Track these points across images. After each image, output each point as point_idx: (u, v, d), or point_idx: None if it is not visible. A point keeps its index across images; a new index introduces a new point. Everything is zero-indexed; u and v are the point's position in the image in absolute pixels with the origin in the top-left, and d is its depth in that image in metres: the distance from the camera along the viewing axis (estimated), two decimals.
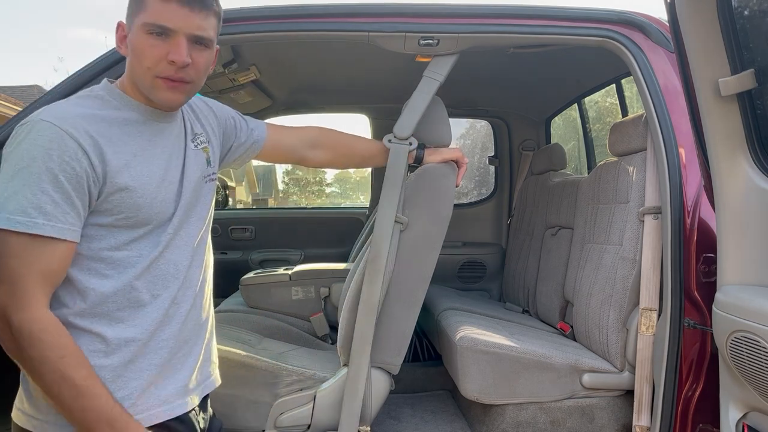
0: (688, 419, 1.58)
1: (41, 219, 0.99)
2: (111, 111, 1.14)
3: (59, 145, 1.02)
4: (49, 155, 1.01)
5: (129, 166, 1.11)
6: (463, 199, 4.23)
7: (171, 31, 1.10)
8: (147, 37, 1.11)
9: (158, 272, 1.16)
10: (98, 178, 1.06)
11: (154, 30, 1.10)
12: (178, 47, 1.11)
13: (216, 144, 1.40)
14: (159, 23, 1.10)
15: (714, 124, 1.27)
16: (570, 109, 3.36)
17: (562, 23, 1.77)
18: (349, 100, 3.41)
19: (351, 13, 1.74)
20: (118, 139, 1.11)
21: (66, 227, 1.02)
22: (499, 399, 1.90)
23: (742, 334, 1.21)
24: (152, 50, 1.11)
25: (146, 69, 1.12)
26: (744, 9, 1.18)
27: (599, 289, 2.05)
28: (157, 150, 1.18)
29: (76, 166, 1.02)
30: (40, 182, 1.00)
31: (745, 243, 1.28)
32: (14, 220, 0.98)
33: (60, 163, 1.01)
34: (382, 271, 1.66)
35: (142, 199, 1.12)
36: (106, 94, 1.16)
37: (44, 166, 1.00)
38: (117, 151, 1.10)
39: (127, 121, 1.15)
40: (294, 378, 1.73)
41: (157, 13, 1.10)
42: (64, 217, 1.02)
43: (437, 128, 1.82)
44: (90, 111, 1.11)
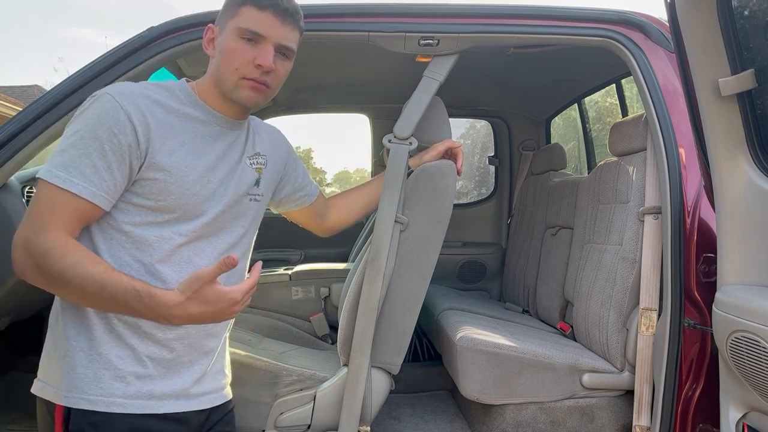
0: (688, 419, 1.58)
1: (78, 179, 1.08)
2: (175, 103, 1.22)
3: (112, 116, 1.10)
4: (101, 124, 1.10)
5: (172, 152, 1.17)
6: (463, 199, 4.22)
7: (262, 38, 1.21)
8: (239, 41, 1.21)
9: (178, 262, 1.19)
10: (141, 154, 1.13)
11: (246, 35, 1.20)
12: (266, 53, 1.21)
13: (273, 172, 1.46)
14: (253, 29, 1.20)
15: (714, 124, 1.27)
16: (570, 109, 3.36)
17: (562, 23, 1.77)
18: (349, 100, 3.41)
19: (351, 13, 1.74)
20: (171, 127, 1.19)
21: (99, 192, 1.10)
22: (499, 399, 1.90)
23: (742, 334, 1.21)
24: (242, 53, 1.21)
25: (234, 69, 1.21)
26: (744, 9, 1.18)
27: (599, 289, 2.05)
28: (207, 149, 1.24)
29: (122, 139, 1.10)
30: (87, 147, 1.09)
31: (745, 243, 1.28)
32: (53, 174, 1.07)
33: (108, 134, 1.10)
34: (382, 271, 1.65)
35: (174, 186, 1.17)
36: (176, 88, 1.25)
37: (94, 134, 1.09)
38: (165, 135, 1.17)
39: (187, 116, 1.23)
40: (294, 378, 1.73)
41: (253, 20, 1.20)
42: (100, 183, 1.09)
43: (437, 128, 1.82)
44: (153, 95, 1.19)
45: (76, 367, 1.13)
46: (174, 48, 1.64)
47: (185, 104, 1.24)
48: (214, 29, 1.27)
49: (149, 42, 1.63)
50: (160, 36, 1.64)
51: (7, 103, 11.20)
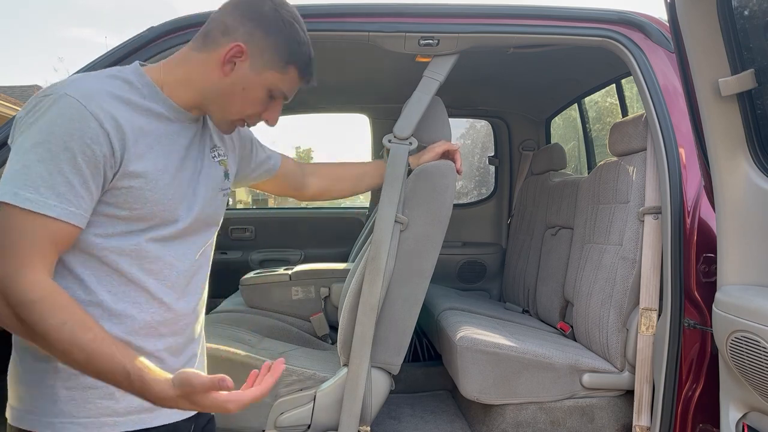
0: (688, 419, 1.58)
1: (53, 200, 0.93)
2: (137, 98, 1.07)
3: (82, 125, 0.95)
4: (71, 134, 0.94)
5: (144, 156, 1.04)
6: (463, 199, 4.22)
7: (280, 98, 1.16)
8: (265, 95, 1.13)
9: (159, 270, 1.10)
10: (115, 163, 1.00)
11: (274, 95, 1.14)
12: (277, 111, 1.18)
13: (233, 160, 1.37)
14: (286, 94, 1.16)
15: (714, 124, 1.27)
16: (570, 109, 3.36)
17: (562, 23, 1.77)
18: (349, 100, 3.41)
19: (351, 13, 1.74)
20: (140, 128, 1.05)
21: (78, 212, 0.96)
22: (499, 399, 1.90)
23: (742, 334, 1.21)
24: (260, 107, 1.15)
25: (240, 111, 1.14)
26: (744, 9, 1.18)
27: (599, 289, 2.05)
28: (175, 147, 1.13)
29: (96, 149, 0.96)
30: (58, 161, 0.93)
31: (745, 243, 1.28)
32: (23, 197, 0.91)
33: (81, 145, 0.94)
34: (382, 271, 1.65)
35: (151, 192, 1.05)
36: (136, 80, 1.09)
37: (64, 145, 0.93)
38: (136, 139, 1.03)
39: (151, 112, 1.09)
40: (294, 378, 1.73)
41: (290, 87, 1.15)
42: (78, 201, 0.95)
43: (437, 128, 1.82)
44: (117, 92, 1.04)
45: (56, 389, 1.03)
46: (174, 48, 1.64)
47: (146, 98, 1.09)
48: (245, 51, 1.08)
49: (149, 42, 1.63)
50: (160, 36, 1.64)
51: (7, 103, 11.20)
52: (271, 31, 1.09)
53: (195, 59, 1.11)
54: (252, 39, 1.09)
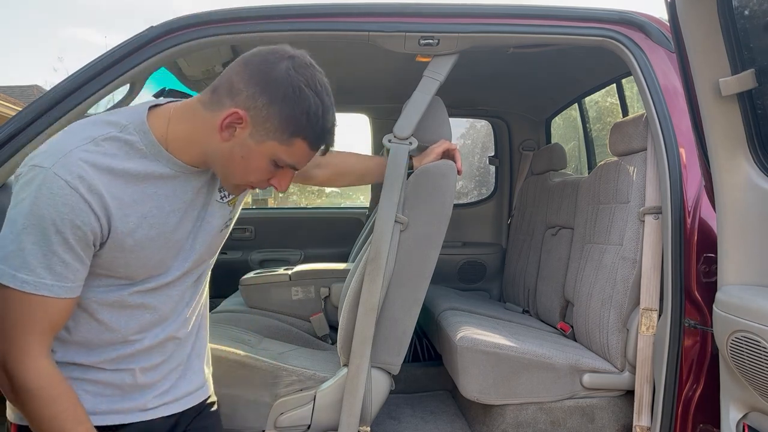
0: (689, 419, 1.58)
1: (50, 279, 0.96)
2: (136, 162, 1.04)
3: (71, 208, 0.95)
4: (60, 217, 0.95)
5: (135, 229, 1.05)
6: (463, 199, 4.22)
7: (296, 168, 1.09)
8: (268, 164, 1.06)
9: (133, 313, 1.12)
10: (103, 237, 1.02)
11: (280, 163, 1.06)
12: (287, 179, 1.11)
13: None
14: (293, 164, 1.07)
15: (714, 124, 1.27)
16: (570, 108, 3.35)
17: (563, 23, 1.77)
18: (349, 100, 3.41)
19: (351, 12, 1.74)
20: (132, 200, 1.04)
21: (74, 286, 1.00)
22: (500, 399, 1.90)
23: (742, 334, 1.20)
24: (264, 174, 1.08)
25: (241, 178, 1.08)
26: (744, 9, 1.18)
27: (599, 289, 2.05)
28: (176, 205, 1.11)
29: (86, 229, 0.98)
30: (50, 243, 0.95)
31: (745, 243, 1.28)
32: (21, 279, 0.95)
33: (71, 227, 0.96)
34: (382, 271, 1.65)
35: (136, 259, 1.07)
36: (138, 140, 1.05)
37: (54, 228, 0.95)
38: (126, 215, 1.03)
39: (150, 175, 1.06)
40: (294, 378, 1.73)
41: (298, 158, 1.06)
42: (73, 275, 0.99)
43: (437, 128, 1.82)
44: (109, 163, 1.01)
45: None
46: (174, 48, 1.64)
47: (148, 158, 1.05)
48: (244, 119, 1.01)
49: (149, 42, 1.63)
50: (160, 36, 1.64)
51: (6, 103, 11.19)
52: (275, 98, 1.00)
53: (200, 117, 1.05)
54: (254, 105, 1.00)
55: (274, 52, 1.04)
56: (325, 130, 1.04)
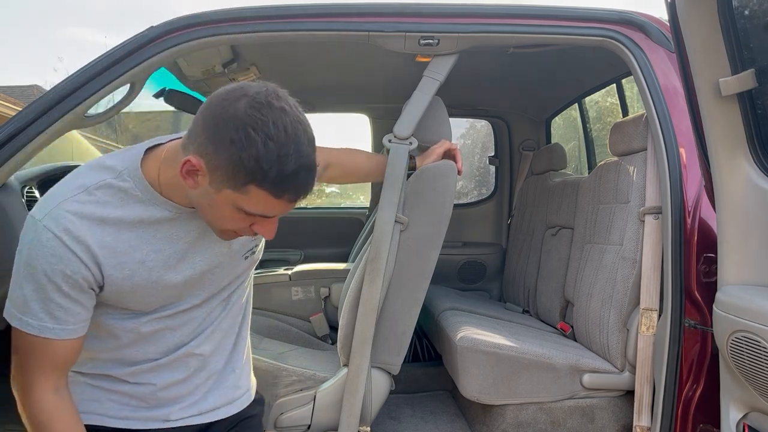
0: (689, 419, 1.58)
1: (51, 323, 1.02)
2: (131, 208, 1.05)
3: (60, 258, 0.99)
4: (51, 267, 0.99)
5: (132, 276, 1.06)
6: (463, 199, 4.22)
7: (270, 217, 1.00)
8: (235, 212, 0.97)
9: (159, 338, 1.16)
10: (98, 282, 1.05)
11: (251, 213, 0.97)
12: (271, 227, 1.02)
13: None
14: (260, 213, 0.97)
15: (714, 124, 1.27)
16: (570, 108, 3.35)
17: (563, 23, 1.77)
18: (349, 100, 3.41)
19: (351, 12, 1.74)
20: (128, 247, 1.05)
21: (76, 327, 1.05)
22: (500, 399, 1.90)
23: (742, 334, 1.20)
24: (238, 222, 1.00)
25: (218, 225, 1.03)
26: (744, 9, 1.18)
27: (600, 290, 2.05)
28: (177, 247, 1.10)
29: (78, 278, 1.01)
30: (47, 291, 1.01)
31: (745, 243, 1.28)
32: (26, 322, 1.02)
33: (63, 276, 1.00)
34: (382, 271, 1.65)
35: (141, 299, 1.09)
36: (133, 187, 1.04)
37: (47, 278, 1.00)
38: (121, 262, 1.05)
39: (146, 220, 1.06)
40: (294, 378, 1.73)
41: (262, 207, 0.95)
42: (73, 318, 1.04)
43: (437, 128, 1.82)
44: (100, 212, 1.02)
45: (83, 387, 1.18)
46: (174, 47, 1.64)
47: (144, 203, 1.05)
48: (198, 166, 0.93)
49: (149, 41, 1.63)
50: (160, 35, 1.63)
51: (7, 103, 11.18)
52: (222, 144, 0.90)
53: (179, 161, 0.98)
54: (206, 152, 0.92)
55: (232, 91, 0.94)
56: (283, 176, 0.91)
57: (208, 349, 1.22)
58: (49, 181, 2.15)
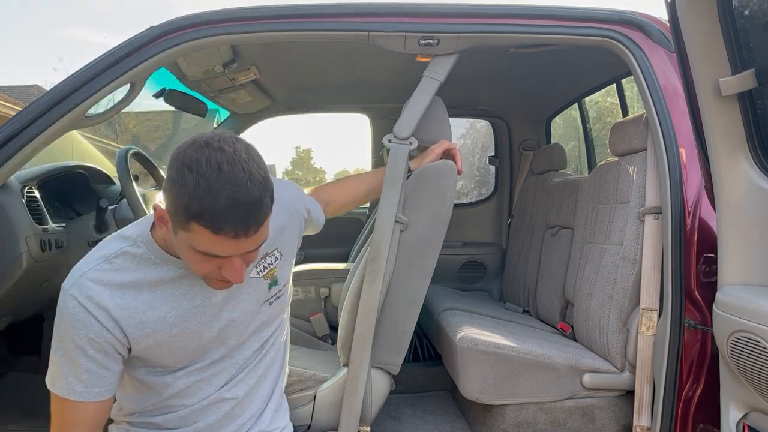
0: (689, 419, 1.58)
1: (79, 387, 1.11)
2: (146, 271, 1.14)
3: (84, 324, 1.09)
4: (77, 333, 1.09)
5: (154, 333, 1.15)
6: (463, 199, 4.23)
7: (224, 257, 1.01)
8: (195, 254, 1.00)
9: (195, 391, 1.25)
10: (124, 346, 1.14)
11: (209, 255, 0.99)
12: (233, 267, 1.02)
13: (291, 249, 1.38)
14: (210, 252, 0.98)
15: (714, 124, 1.27)
16: (570, 108, 3.35)
17: (563, 23, 1.77)
18: (349, 100, 3.41)
19: (351, 13, 1.74)
20: (147, 307, 1.14)
21: (103, 390, 1.13)
22: (500, 399, 1.90)
23: (742, 334, 1.20)
24: (204, 265, 1.02)
25: (196, 272, 1.06)
26: (744, 9, 1.18)
27: (600, 289, 2.05)
28: (195, 302, 1.18)
29: (102, 342, 1.10)
30: (74, 356, 1.10)
31: (745, 243, 1.28)
32: (58, 386, 1.12)
33: (87, 340, 1.09)
34: (382, 272, 1.65)
35: (169, 352, 1.18)
36: (146, 251, 1.14)
37: (73, 344, 1.09)
38: (142, 321, 1.13)
39: (162, 280, 1.15)
40: (294, 378, 1.73)
41: (208, 244, 0.97)
42: (100, 381, 1.12)
43: (437, 128, 1.82)
44: (120, 278, 1.12)
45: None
46: (174, 48, 1.64)
47: (158, 265, 1.13)
48: (164, 214, 1.01)
49: (149, 42, 1.63)
50: (160, 36, 1.63)
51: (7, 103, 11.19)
52: (167, 187, 0.97)
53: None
54: (164, 197, 0.99)
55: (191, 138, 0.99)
56: (215, 211, 0.92)
57: (241, 393, 1.29)
58: (49, 181, 2.15)
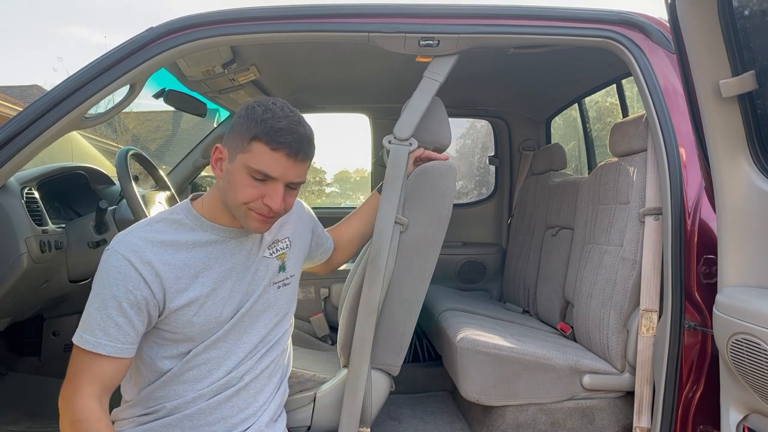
0: (689, 421, 1.58)
1: (104, 339, 1.18)
2: (184, 234, 1.27)
3: (124, 276, 1.18)
4: (117, 284, 1.18)
5: (190, 287, 1.25)
6: (463, 199, 4.23)
7: (272, 179, 1.20)
8: (247, 178, 1.19)
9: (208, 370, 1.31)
10: (158, 303, 1.22)
11: (256, 175, 1.19)
12: (276, 194, 1.21)
13: (301, 246, 1.52)
14: (264, 171, 1.18)
15: (714, 126, 1.26)
16: (570, 108, 3.35)
17: (563, 24, 1.77)
18: (349, 100, 3.41)
19: (351, 13, 1.74)
20: (182, 263, 1.24)
21: (125, 347, 1.20)
22: (499, 400, 1.90)
23: (742, 336, 1.20)
24: (251, 191, 1.20)
25: (242, 204, 1.21)
26: (744, 9, 1.18)
27: (599, 290, 2.05)
28: (224, 266, 1.30)
29: (137, 293, 1.19)
30: (107, 308, 1.18)
31: (745, 244, 1.28)
32: (84, 339, 1.18)
33: (125, 292, 1.18)
34: (382, 272, 1.65)
35: (197, 316, 1.26)
36: (184, 217, 1.29)
37: (110, 294, 1.18)
38: (178, 276, 1.23)
39: (197, 243, 1.28)
40: (294, 380, 1.73)
41: (264, 162, 1.18)
42: (124, 337, 1.19)
43: (437, 129, 1.82)
44: (161, 236, 1.25)
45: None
46: (174, 49, 1.64)
47: (195, 230, 1.29)
48: (223, 151, 1.25)
49: (149, 43, 1.62)
50: (161, 36, 1.63)
51: (7, 103, 11.18)
52: (236, 123, 1.22)
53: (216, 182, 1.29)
54: (227, 138, 1.24)
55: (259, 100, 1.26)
56: (276, 128, 1.17)
57: (248, 378, 1.36)
58: (48, 182, 2.15)
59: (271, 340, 1.42)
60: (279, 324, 1.44)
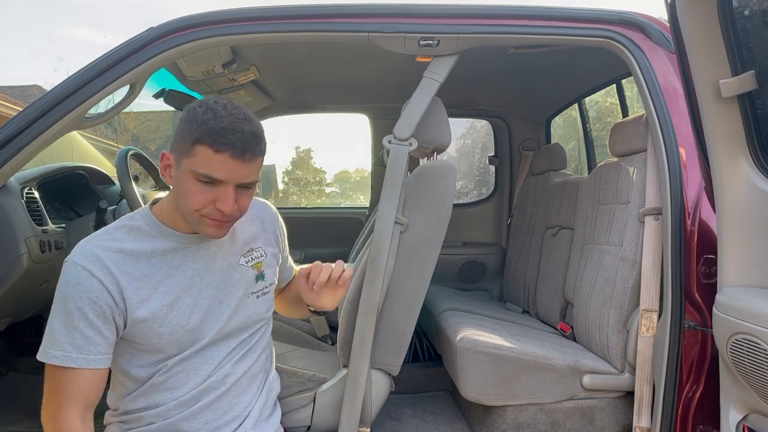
0: (689, 421, 1.58)
1: (74, 353, 1.14)
2: (143, 242, 1.23)
3: (85, 286, 1.15)
4: (80, 296, 1.14)
5: (148, 299, 1.20)
6: (463, 199, 4.23)
7: (220, 182, 1.14)
8: (195, 183, 1.14)
9: (184, 380, 1.28)
10: (121, 311, 1.18)
11: (203, 179, 1.13)
12: (227, 197, 1.15)
13: (272, 257, 1.44)
14: (210, 175, 1.12)
15: (714, 126, 1.26)
16: (570, 108, 3.35)
17: (563, 24, 1.77)
18: (349, 100, 3.41)
19: (351, 13, 1.74)
20: (142, 273, 1.20)
21: (97, 357, 1.16)
22: (499, 400, 1.90)
23: (742, 336, 1.20)
24: (200, 196, 1.15)
25: (192, 210, 1.16)
26: (744, 9, 1.18)
27: (599, 290, 2.05)
28: (186, 274, 1.25)
29: (101, 303, 1.15)
30: (73, 321, 1.14)
31: (745, 244, 1.28)
32: (51, 355, 1.14)
33: (89, 303, 1.14)
34: (382, 272, 1.65)
35: (163, 327, 1.21)
36: (143, 224, 1.25)
37: (75, 306, 1.14)
38: (138, 287, 1.19)
39: (156, 251, 1.23)
40: (294, 380, 1.73)
41: (209, 165, 1.12)
42: (95, 348, 1.16)
43: (437, 129, 1.82)
44: (119, 245, 1.21)
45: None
46: (174, 49, 1.64)
47: (154, 237, 1.24)
48: (169, 157, 1.19)
49: (149, 43, 1.62)
50: (160, 36, 1.63)
51: (7, 103, 11.19)
52: (179, 127, 1.17)
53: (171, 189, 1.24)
54: (173, 142, 1.19)
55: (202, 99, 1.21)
56: (218, 129, 1.10)
57: (230, 381, 1.33)
58: (48, 182, 2.15)
59: (249, 342, 1.38)
60: (256, 333, 1.41)
